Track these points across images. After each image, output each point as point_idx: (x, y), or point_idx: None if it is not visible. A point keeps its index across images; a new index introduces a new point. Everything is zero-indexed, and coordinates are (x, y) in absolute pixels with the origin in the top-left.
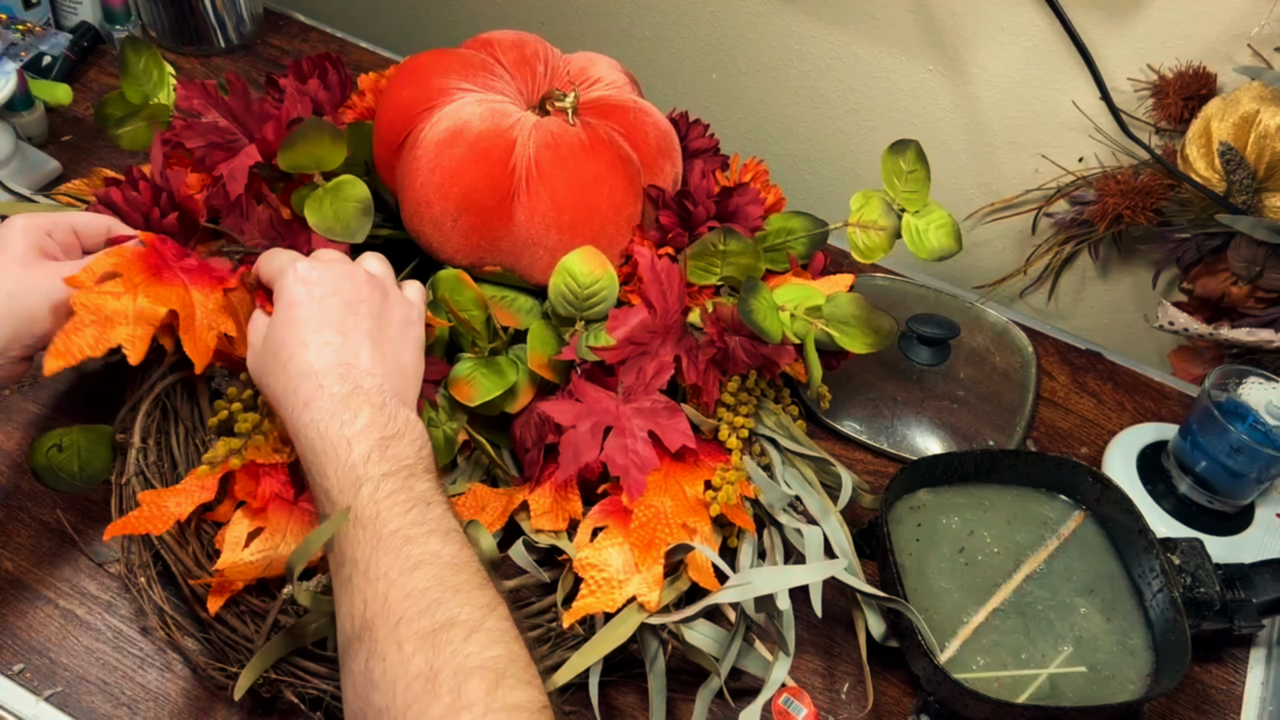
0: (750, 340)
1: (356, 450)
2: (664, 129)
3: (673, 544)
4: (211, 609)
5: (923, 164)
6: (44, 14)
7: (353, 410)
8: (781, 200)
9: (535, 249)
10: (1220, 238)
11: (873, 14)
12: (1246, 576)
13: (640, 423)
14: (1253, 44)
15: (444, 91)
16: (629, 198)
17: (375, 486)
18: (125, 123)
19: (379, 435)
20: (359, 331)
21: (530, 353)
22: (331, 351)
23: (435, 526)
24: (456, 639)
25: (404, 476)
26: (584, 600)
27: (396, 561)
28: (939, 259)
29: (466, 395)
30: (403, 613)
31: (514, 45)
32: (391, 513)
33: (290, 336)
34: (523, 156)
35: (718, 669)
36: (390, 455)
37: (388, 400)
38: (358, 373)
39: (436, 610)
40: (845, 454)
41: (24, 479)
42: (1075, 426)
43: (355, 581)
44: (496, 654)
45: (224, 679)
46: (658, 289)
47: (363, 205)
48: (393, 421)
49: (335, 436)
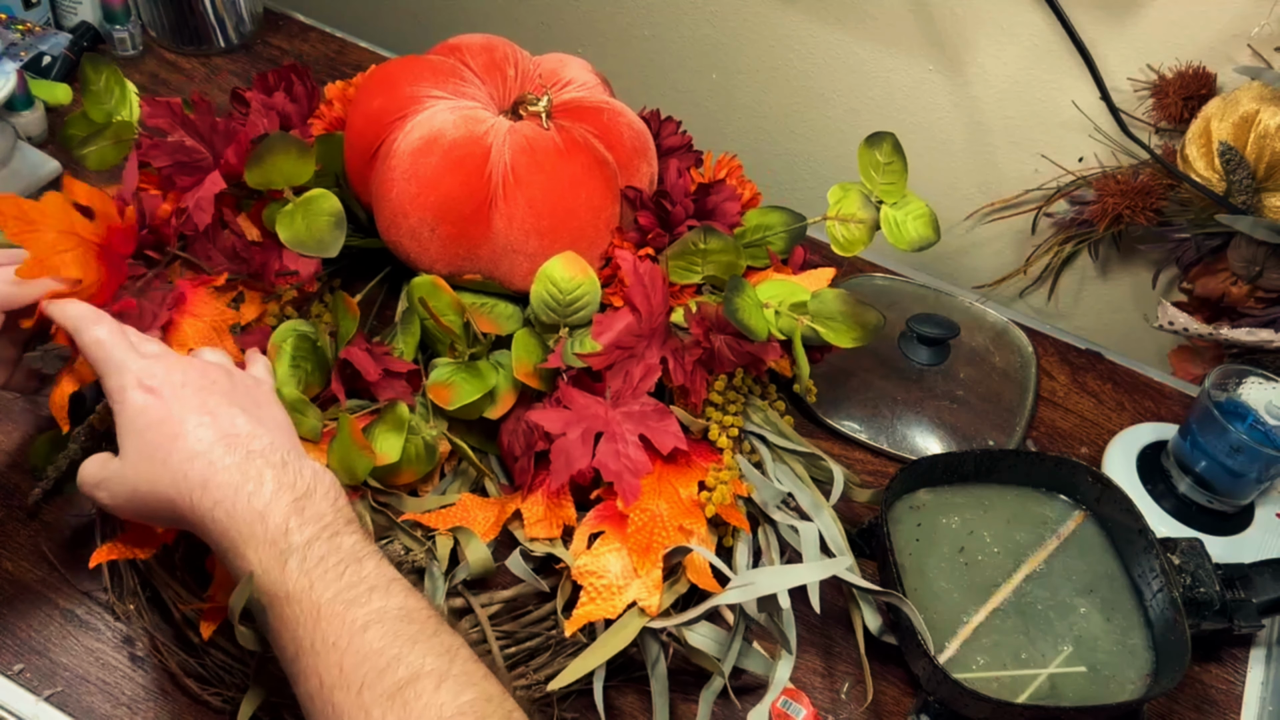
0: (735, 338)
1: (272, 522)
2: (638, 129)
3: (670, 547)
4: (204, 634)
5: (899, 156)
6: (44, 14)
7: (254, 477)
8: (758, 196)
9: (515, 255)
10: (1220, 238)
11: (872, 14)
12: (1246, 576)
13: (630, 427)
14: (1253, 44)
15: (415, 100)
16: (607, 200)
17: (302, 557)
18: (89, 142)
19: (290, 498)
20: (223, 405)
21: (515, 362)
22: (208, 429)
23: (375, 582)
24: (426, 691)
25: (328, 537)
26: (585, 608)
27: (343, 628)
28: (919, 249)
29: (445, 399)
30: (362, 678)
31: (483, 49)
32: (325, 580)
33: (158, 435)
34: (499, 163)
35: (721, 670)
36: (308, 517)
37: (286, 456)
38: (243, 438)
39: (398, 667)
40: (845, 454)
41: (24, 479)
42: (1075, 426)
43: (304, 661)
44: (470, 698)
45: (219, 704)
46: (641, 292)
47: (335, 219)
48: (300, 478)
49: (245, 512)
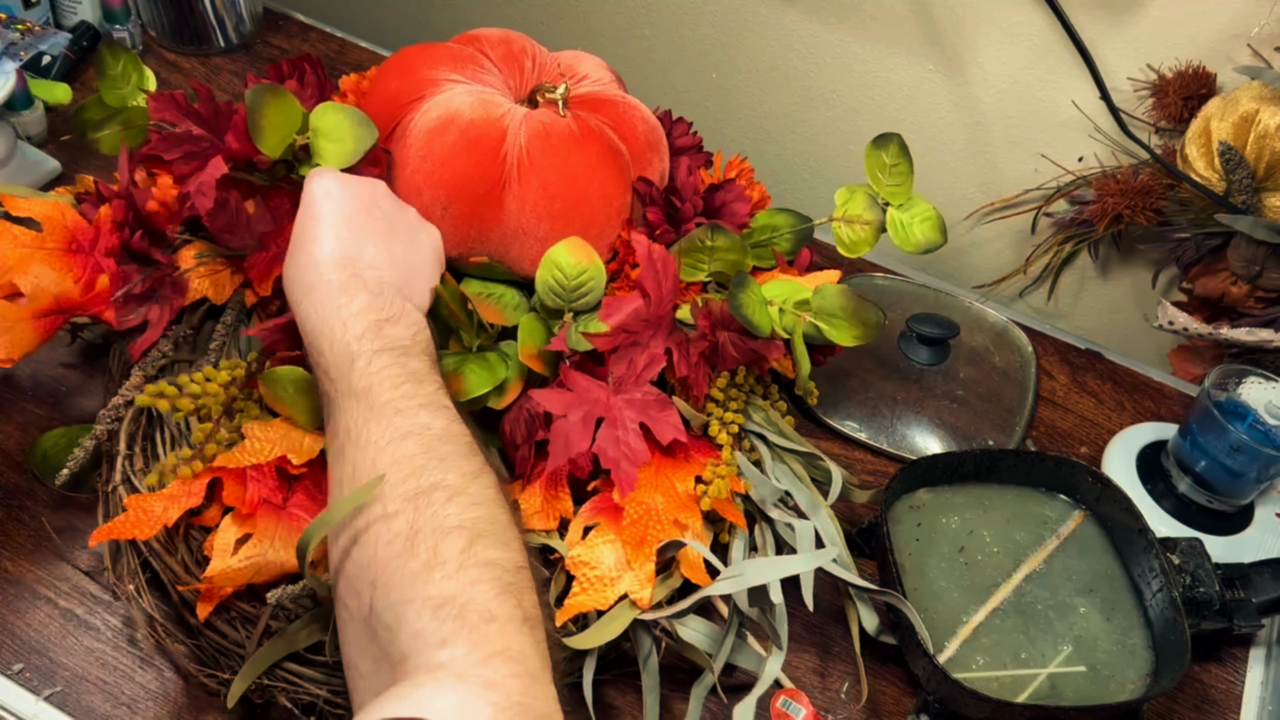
0: (740, 335)
1: (351, 329)
2: (652, 124)
3: (664, 541)
4: (201, 616)
5: (905, 157)
6: (43, 13)
7: (349, 295)
8: (766, 198)
9: (526, 239)
10: (1220, 237)
11: (872, 14)
12: (1246, 576)
13: (631, 414)
14: (1252, 44)
15: (433, 82)
16: (619, 189)
17: (368, 361)
18: (103, 126)
19: (374, 318)
20: (368, 230)
21: (520, 345)
22: (338, 244)
23: (426, 401)
24: (438, 501)
25: (397, 354)
26: (576, 598)
27: (386, 431)
28: (924, 252)
29: (458, 389)
30: (389, 477)
31: (501, 41)
32: (383, 386)
33: (305, 232)
34: (514, 145)
35: (711, 665)
36: (385, 335)
37: (385, 290)
38: (360, 264)
39: (421, 475)
40: (845, 454)
41: (24, 479)
42: (1075, 426)
43: (347, 450)
44: (476, 515)
45: (215, 685)
46: (653, 276)
47: (354, 118)
48: (389, 307)
49: (331, 317)
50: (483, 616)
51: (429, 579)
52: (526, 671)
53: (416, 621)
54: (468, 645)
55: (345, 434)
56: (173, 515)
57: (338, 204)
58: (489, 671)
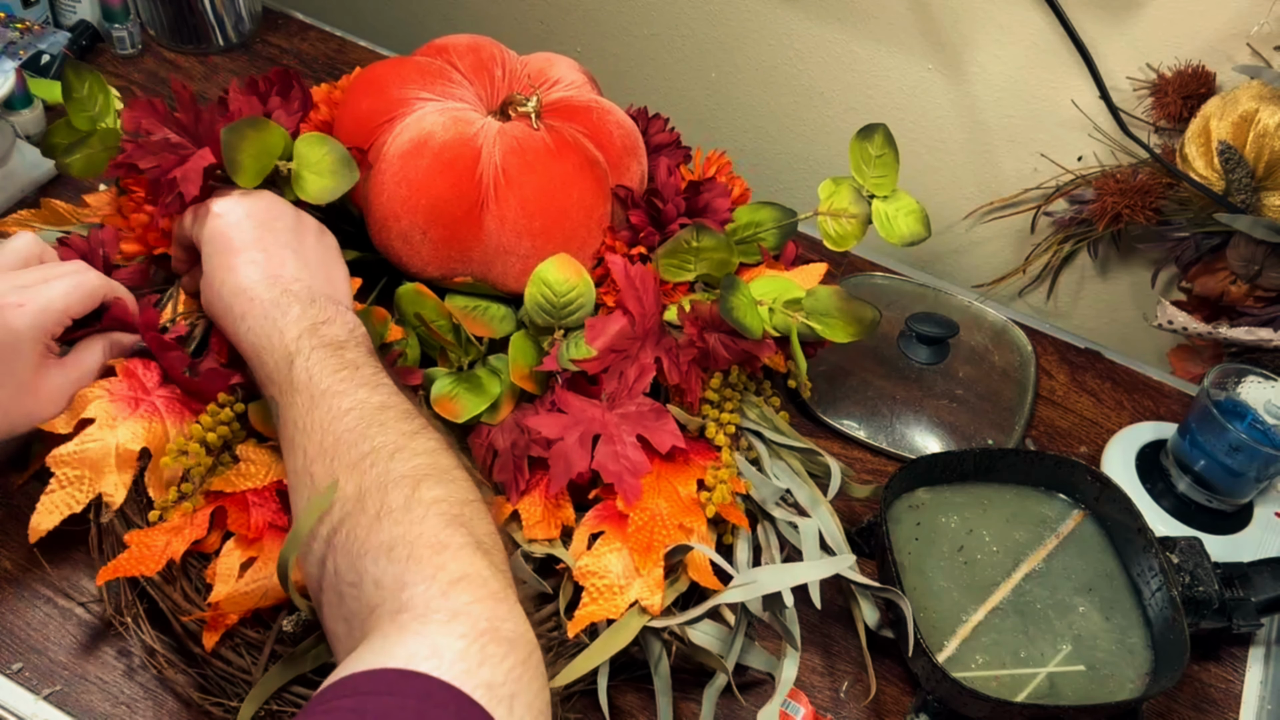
0: (730, 336)
1: (289, 334)
2: (628, 128)
3: (671, 545)
4: (208, 645)
5: (891, 147)
6: (43, 12)
7: (282, 309)
8: (747, 192)
9: (507, 257)
10: (1219, 236)
11: (872, 13)
12: (1245, 575)
13: (628, 428)
14: (1252, 43)
15: (404, 102)
16: (599, 199)
17: (306, 357)
18: (74, 150)
19: (309, 323)
20: (278, 245)
21: (511, 364)
22: (255, 268)
23: (364, 381)
24: (381, 460)
25: (334, 349)
26: (587, 609)
27: (328, 414)
28: (909, 244)
29: (452, 412)
30: (335, 451)
31: (469, 50)
32: (322, 375)
33: (218, 265)
34: (489, 164)
35: (725, 667)
36: (321, 334)
37: (317, 297)
38: (285, 279)
39: (362, 442)
40: (844, 453)
41: (20, 477)
42: (1074, 425)
43: (297, 440)
44: (417, 464)
45: (221, 714)
46: (634, 295)
47: (331, 150)
48: (323, 311)
49: (269, 330)
50: (433, 548)
51: (379, 528)
52: (489, 594)
53: (374, 569)
54: (425, 580)
55: (293, 425)
56: (178, 549)
57: (246, 230)
58: (450, 602)
